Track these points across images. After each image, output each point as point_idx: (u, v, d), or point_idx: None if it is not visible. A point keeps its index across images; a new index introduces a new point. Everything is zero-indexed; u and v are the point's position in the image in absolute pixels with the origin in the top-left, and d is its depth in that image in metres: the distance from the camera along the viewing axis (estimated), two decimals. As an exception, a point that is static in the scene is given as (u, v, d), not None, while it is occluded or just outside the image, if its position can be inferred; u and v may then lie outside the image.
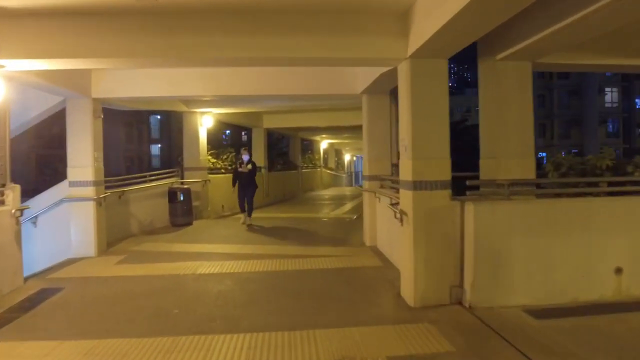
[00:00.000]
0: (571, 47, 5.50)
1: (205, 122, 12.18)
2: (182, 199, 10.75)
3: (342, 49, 4.94)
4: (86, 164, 7.62)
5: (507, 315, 4.43)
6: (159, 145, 43.74)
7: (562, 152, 36.16)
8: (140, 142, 41.28)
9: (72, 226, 7.65)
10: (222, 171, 13.40)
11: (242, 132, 38.11)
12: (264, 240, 8.93)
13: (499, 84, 5.65)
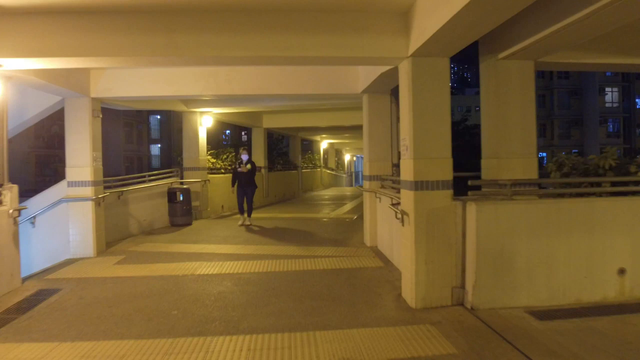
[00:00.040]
0: (574, 45, 5.46)
1: (204, 121, 12.17)
2: (181, 199, 10.73)
3: (343, 48, 4.89)
4: (85, 164, 7.59)
5: (509, 316, 4.40)
6: (159, 145, 43.72)
7: (563, 152, 36.07)
8: (140, 142, 41.27)
9: (70, 226, 7.62)
10: (222, 171, 13.39)
11: (242, 132, 38.12)
12: (263, 240, 8.88)
13: (501, 83, 5.61)
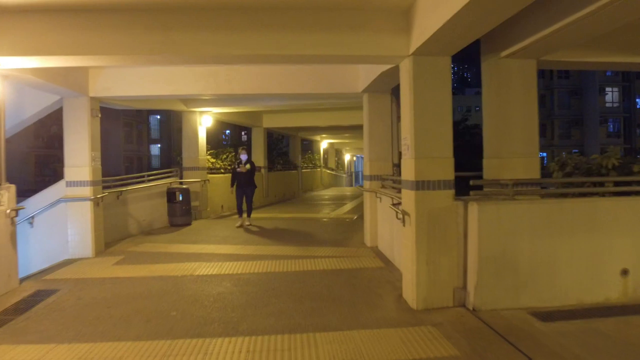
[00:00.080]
0: (576, 44, 5.41)
1: (204, 121, 12.12)
2: (181, 199, 10.68)
3: (343, 46, 4.85)
4: (83, 164, 7.54)
5: (511, 317, 4.35)
6: (159, 145, 43.67)
7: (563, 152, 36.09)
8: (139, 142, 41.23)
9: (69, 227, 7.57)
10: (222, 171, 13.35)
11: (242, 131, 38.06)
12: (263, 241, 8.83)
13: (503, 82, 5.56)
